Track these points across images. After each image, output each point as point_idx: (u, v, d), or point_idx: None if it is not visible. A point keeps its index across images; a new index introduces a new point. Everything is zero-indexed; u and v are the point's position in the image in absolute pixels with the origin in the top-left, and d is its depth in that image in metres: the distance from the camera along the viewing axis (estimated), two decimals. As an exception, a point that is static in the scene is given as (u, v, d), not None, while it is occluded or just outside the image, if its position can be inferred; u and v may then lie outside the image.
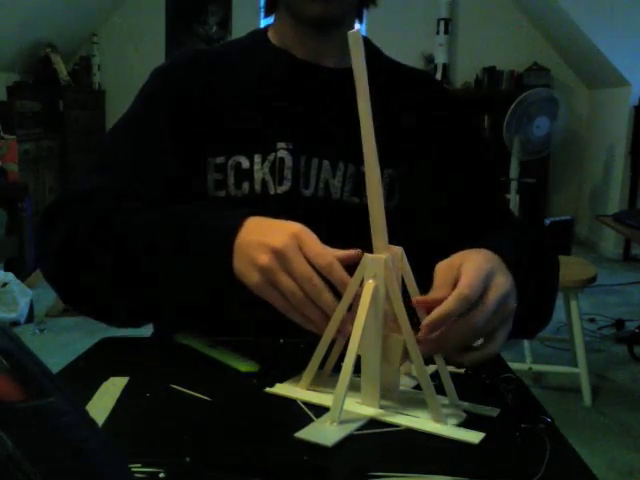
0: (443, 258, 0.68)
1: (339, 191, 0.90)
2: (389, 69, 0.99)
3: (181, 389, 0.68)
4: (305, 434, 0.59)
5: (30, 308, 3.30)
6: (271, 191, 0.89)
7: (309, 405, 0.65)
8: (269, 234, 0.67)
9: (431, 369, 0.68)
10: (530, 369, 2.57)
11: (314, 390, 0.68)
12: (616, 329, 3.34)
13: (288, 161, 0.89)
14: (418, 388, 0.66)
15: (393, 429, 0.61)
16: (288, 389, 0.69)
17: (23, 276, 3.52)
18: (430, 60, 5.69)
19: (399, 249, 0.64)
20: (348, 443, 0.58)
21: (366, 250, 0.64)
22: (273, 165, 0.89)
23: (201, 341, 0.81)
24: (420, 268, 0.68)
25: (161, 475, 0.52)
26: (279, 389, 0.69)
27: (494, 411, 0.65)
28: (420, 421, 0.62)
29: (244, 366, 0.74)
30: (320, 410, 0.64)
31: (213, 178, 0.90)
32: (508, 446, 0.59)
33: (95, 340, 0.85)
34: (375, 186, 0.62)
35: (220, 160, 0.90)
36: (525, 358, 2.81)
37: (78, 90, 5.74)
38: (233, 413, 0.64)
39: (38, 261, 0.84)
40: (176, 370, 0.75)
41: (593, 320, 3.44)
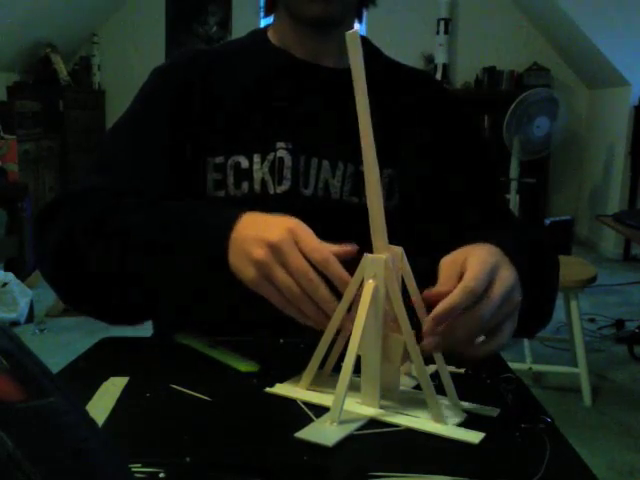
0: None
1: (339, 191, 0.90)
2: (389, 69, 0.99)
3: (181, 389, 0.68)
4: (305, 434, 0.59)
5: (30, 308, 3.30)
6: (270, 191, 0.89)
7: (309, 405, 0.65)
8: (265, 229, 0.67)
9: (431, 369, 0.68)
10: (530, 369, 2.57)
11: (314, 390, 0.68)
12: (616, 329, 3.34)
13: (287, 161, 0.89)
14: (418, 388, 0.66)
15: (393, 429, 0.61)
16: (288, 389, 0.69)
17: (23, 276, 3.52)
18: (430, 60, 5.69)
19: (399, 249, 0.64)
20: (348, 443, 0.58)
21: (366, 250, 0.64)
22: (272, 165, 0.89)
23: (201, 341, 0.81)
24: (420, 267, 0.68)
25: (161, 475, 0.52)
26: (279, 389, 0.69)
27: (494, 411, 0.65)
28: (420, 421, 0.62)
29: (244, 366, 0.74)
30: (320, 410, 0.64)
31: (212, 178, 0.90)
32: (508, 446, 0.59)
33: (95, 340, 0.85)
34: (374, 186, 0.62)
35: (219, 160, 0.90)
36: (525, 358, 2.81)
37: (78, 90, 5.74)
38: (233, 413, 0.64)
39: (37, 261, 0.84)
40: (176, 370, 0.74)
41: (593, 320, 3.44)
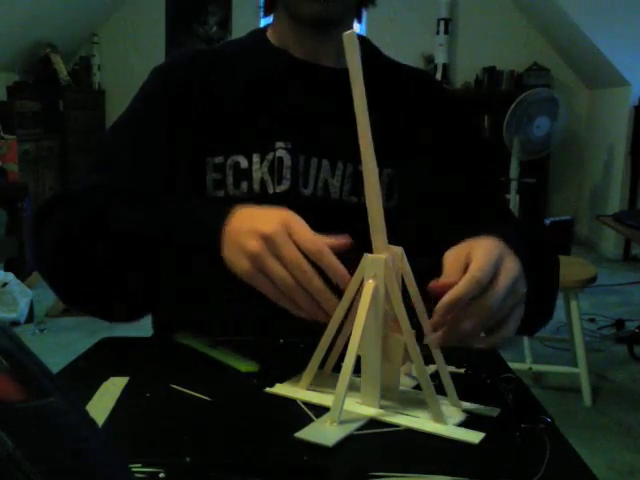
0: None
1: (338, 191, 0.90)
2: (388, 69, 0.99)
3: (181, 389, 0.68)
4: (305, 434, 0.59)
5: (30, 308, 3.30)
6: (270, 191, 0.89)
7: (309, 405, 0.65)
8: (258, 221, 0.67)
9: (431, 369, 0.68)
10: (530, 369, 2.56)
11: (314, 390, 0.68)
12: (616, 329, 3.34)
13: (287, 160, 0.89)
14: (418, 388, 0.66)
15: (393, 429, 0.61)
16: (288, 389, 0.69)
17: (23, 276, 3.52)
18: (430, 60, 5.69)
19: (399, 249, 0.64)
20: (348, 443, 0.58)
21: (366, 250, 0.64)
22: (272, 165, 0.89)
23: (201, 341, 0.81)
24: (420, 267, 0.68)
25: (161, 475, 0.52)
26: (279, 389, 0.69)
27: (494, 411, 0.65)
28: (420, 421, 0.62)
29: (244, 366, 0.74)
30: (320, 410, 0.64)
31: (212, 178, 0.90)
32: (508, 446, 0.59)
33: (95, 340, 0.85)
34: (373, 186, 0.62)
35: (219, 160, 0.89)
36: (525, 358, 2.80)
37: (78, 90, 5.74)
38: (233, 413, 0.64)
39: (34, 259, 0.83)
40: (176, 370, 0.75)
41: (593, 320, 3.44)
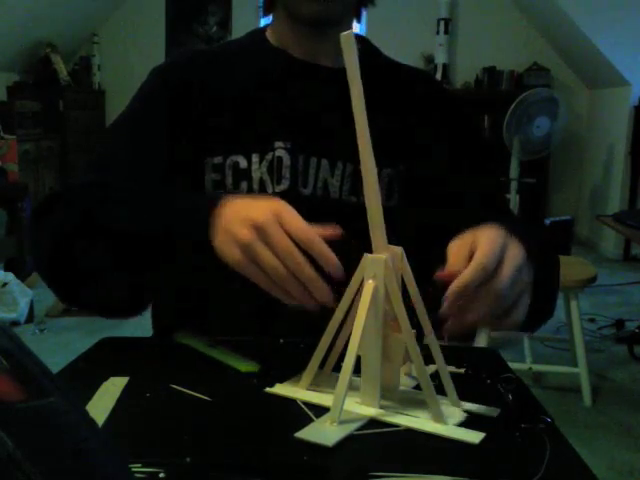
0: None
1: (338, 190, 0.90)
2: (388, 68, 0.99)
3: (181, 389, 0.68)
4: (305, 434, 0.59)
5: (30, 308, 3.30)
6: (269, 190, 0.89)
7: (309, 405, 0.65)
8: (249, 210, 0.66)
9: (431, 369, 0.68)
10: (530, 369, 2.56)
11: (314, 390, 0.68)
12: (616, 329, 3.34)
13: (286, 160, 0.89)
14: (418, 388, 0.66)
15: (393, 429, 0.61)
16: (288, 389, 0.69)
17: (23, 276, 3.52)
18: (430, 60, 5.69)
19: (399, 249, 0.64)
20: (348, 443, 0.58)
21: (366, 250, 0.64)
22: (271, 164, 0.89)
23: (201, 341, 0.81)
24: (420, 267, 0.68)
25: (161, 475, 0.52)
26: (279, 389, 0.69)
27: (494, 411, 0.65)
28: (420, 421, 0.62)
29: (244, 366, 0.74)
30: (320, 410, 0.64)
31: (211, 178, 0.90)
32: (508, 446, 0.59)
33: (95, 340, 0.85)
34: (372, 186, 0.62)
35: (218, 160, 0.89)
36: (525, 358, 2.80)
37: (78, 90, 5.74)
38: (233, 413, 0.64)
39: (33, 257, 0.84)
40: (176, 370, 0.75)
41: (593, 320, 3.44)
